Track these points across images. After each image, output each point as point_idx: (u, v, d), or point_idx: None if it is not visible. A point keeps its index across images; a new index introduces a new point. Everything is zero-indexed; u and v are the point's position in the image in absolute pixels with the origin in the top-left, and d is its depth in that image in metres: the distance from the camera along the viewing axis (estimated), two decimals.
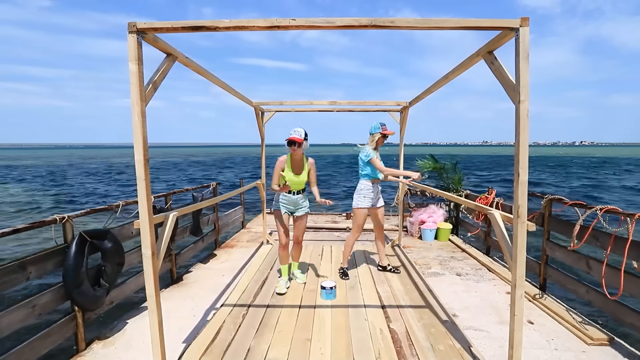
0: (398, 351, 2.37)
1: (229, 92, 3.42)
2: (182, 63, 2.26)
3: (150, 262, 1.94)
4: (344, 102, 4.76)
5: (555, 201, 3.43)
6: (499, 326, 2.84)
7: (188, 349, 2.41)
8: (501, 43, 1.92)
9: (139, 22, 1.75)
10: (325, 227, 6.46)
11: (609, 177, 24.52)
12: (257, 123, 4.86)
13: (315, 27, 1.83)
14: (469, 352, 2.35)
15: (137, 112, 1.80)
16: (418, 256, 4.76)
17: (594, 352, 2.47)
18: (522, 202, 1.86)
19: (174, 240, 3.99)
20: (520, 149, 1.81)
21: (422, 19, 1.83)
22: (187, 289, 3.69)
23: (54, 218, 2.38)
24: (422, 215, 5.80)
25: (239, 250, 5.08)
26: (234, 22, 1.80)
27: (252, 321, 2.81)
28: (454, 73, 2.57)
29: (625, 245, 2.50)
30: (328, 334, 2.60)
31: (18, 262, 2.12)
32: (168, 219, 2.24)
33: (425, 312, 2.96)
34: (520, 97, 1.78)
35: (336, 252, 4.74)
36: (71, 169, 34.44)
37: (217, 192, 5.10)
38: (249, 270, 4.06)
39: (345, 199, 13.79)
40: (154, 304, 1.99)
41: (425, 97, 3.68)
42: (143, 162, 1.84)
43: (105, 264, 2.70)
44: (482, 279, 3.95)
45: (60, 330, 2.38)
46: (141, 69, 1.79)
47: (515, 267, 1.91)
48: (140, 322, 2.93)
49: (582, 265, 3.04)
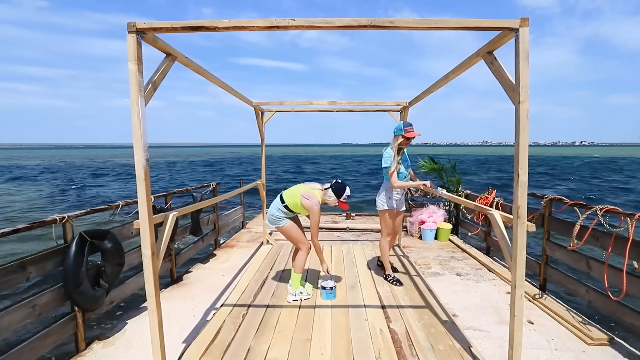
0: (398, 351, 2.37)
1: (229, 92, 3.42)
2: (182, 63, 2.26)
3: (150, 262, 1.95)
4: (344, 102, 4.76)
5: (555, 201, 3.43)
6: (499, 326, 2.84)
7: (188, 349, 2.41)
8: (501, 43, 1.92)
9: (138, 22, 1.75)
10: (325, 227, 6.46)
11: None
12: (257, 123, 4.86)
13: (314, 27, 1.83)
14: (469, 352, 2.35)
15: (136, 112, 1.80)
16: (418, 256, 4.76)
17: (594, 352, 2.47)
18: (522, 203, 1.86)
19: (174, 240, 3.99)
20: (520, 149, 1.81)
21: (422, 19, 1.84)
22: (187, 289, 3.69)
23: (54, 218, 2.38)
24: (422, 215, 5.80)
25: (239, 250, 5.08)
26: (234, 22, 1.80)
27: (252, 321, 2.81)
28: (454, 73, 2.57)
29: (626, 246, 2.50)
30: (328, 334, 2.60)
31: (18, 262, 2.13)
32: (168, 219, 2.25)
33: (425, 312, 2.96)
34: (520, 98, 1.78)
35: (336, 252, 4.74)
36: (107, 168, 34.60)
37: (217, 192, 5.10)
38: (249, 270, 4.06)
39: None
40: (154, 304, 1.99)
41: (425, 97, 3.68)
42: (143, 162, 1.84)
43: (105, 264, 2.70)
44: (482, 279, 3.95)
45: (60, 330, 2.38)
46: (141, 68, 1.80)
47: (515, 268, 1.91)
48: (140, 322, 2.93)
49: (582, 266, 3.05)
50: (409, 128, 3.34)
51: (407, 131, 3.33)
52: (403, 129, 3.33)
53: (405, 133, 3.32)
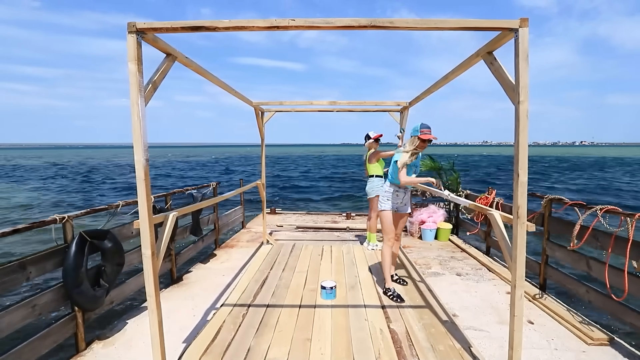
0: (398, 351, 2.37)
1: (229, 92, 3.41)
2: (182, 63, 2.26)
3: (150, 262, 1.94)
4: (344, 102, 4.76)
5: (555, 201, 3.43)
6: (499, 326, 2.84)
7: (188, 348, 2.42)
8: (501, 44, 1.92)
9: (138, 22, 1.75)
10: (326, 227, 6.46)
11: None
12: (257, 123, 4.86)
13: (314, 27, 1.83)
14: (469, 352, 2.35)
15: (136, 112, 1.80)
16: (418, 256, 4.76)
17: (594, 352, 2.47)
18: (521, 203, 1.86)
19: (174, 240, 3.99)
20: (520, 149, 1.81)
21: (422, 19, 1.83)
22: (187, 289, 3.69)
23: (54, 218, 2.38)
24: (422, 215, 5.80)
25: (239, 250, 5.08)
26: (234, 23, 1.80)
27: (252, 321, 2.81)
28: (454, 73, 2.57)
29: (627, 246, 2.50)
30: (328, 334, 2.60)
31: (18, 262, 2.13)
32: (168, 219, 2.24)
33: (425, 312, 2.96)
34: (519, 98, 1.78)
35: (336, 252, 4.74)
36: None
37: (217, 192, 5.10)
38: (249, 270, 4.06)
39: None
40: (154, 304, 1.99)
41: (425, 97, 3.67)
42: (143, 162, 1.84)
43: (105, 264, 2.70)
44: (482, 279, 3.95)
45: (60, 330, 2.38)
46: (141, 69, 1.79)
47: (515, 268, 1.91)
48: (140, 322, 2.93)
49: (582, 266, 3.05)
50: (425, 130, 3.10)
51: (423, 133, 3.09)
52: (419, 130, 3.10)
53: (420, 135, 3.09)
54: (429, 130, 3.11)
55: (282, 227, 6.45)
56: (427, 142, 3.14)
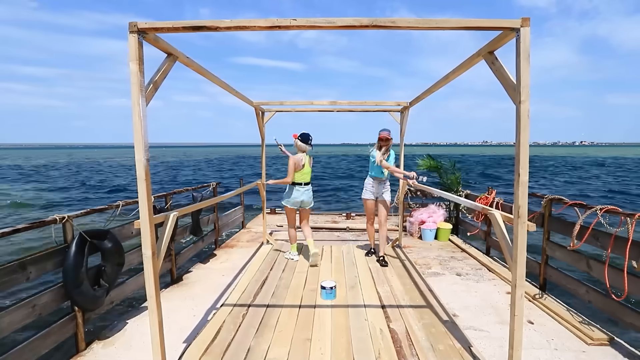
0: (398, 351, 2.38)
1: (230, 92, 3.41)
2: (183, 63, 2.25)
3: (150, 262, 1.94)
4: (344, 102, 4.76)
5: (555, 201, 3.43)
6: (499, 326, 2.84)
7: (188, 348, 2.42)
8: (502, 43, 1.92)
9: (139, 22, 1.75)
10: (326, 227, 6.46)
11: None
12: (258, 123, 4.86)
13: (316, 27, 1.83)
14: (469, 352, 2.35)
15: (137, 112, 1.80)
16: (418, 256, 4.76)
17: (594, 352, 2.47)
18: (522, 203, 1.86)
19: (174, 240, 3.99)
20: (520, 149, 1.81)
21: (423, 19, 1.84)
22: (187, 289, 3.69)
23: (54, 218, 2.38)
24: (422, 215, 5.80)
25: (239, 250, 5.08)
26: (235, 22, 1.80)
27: (252, 321, 2.81)
28: (455, 73, 2.57)
29: (627, 246, 2.50)
30: (328, 334, 2.60)
31: (18, 261, 2.12)
32: (168, 219, 2.24)
33: (425, 312, 2.96)
34: (521, 98, 1.78)
35: (336, 252, 4.74)
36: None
37: (217, 192, 5.10)
38: (249, 270, 4.06)
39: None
40: (154, 304, 1.99)
41: (426, 97, 3.68)
42: (143, 162, 1.84)
43: (105, 264, 2.70)
44: (482, 279, 3.95)
45: (60, 330, 2.38)
46: (142, 68, 1.79)
47: (516, 267, 1.91)
48: (140, 322, 2.93)
49: (582, 266, 3.05)
50: (381, 133, 4.16)
51: (379, 134, 4.16)
52: (379, 133, 4.20)
53: (379, 136, 4.19)
54: (386, 132, 4.17)
55: (282, 227, 6.44)
56: (383, 140, 4.13)
